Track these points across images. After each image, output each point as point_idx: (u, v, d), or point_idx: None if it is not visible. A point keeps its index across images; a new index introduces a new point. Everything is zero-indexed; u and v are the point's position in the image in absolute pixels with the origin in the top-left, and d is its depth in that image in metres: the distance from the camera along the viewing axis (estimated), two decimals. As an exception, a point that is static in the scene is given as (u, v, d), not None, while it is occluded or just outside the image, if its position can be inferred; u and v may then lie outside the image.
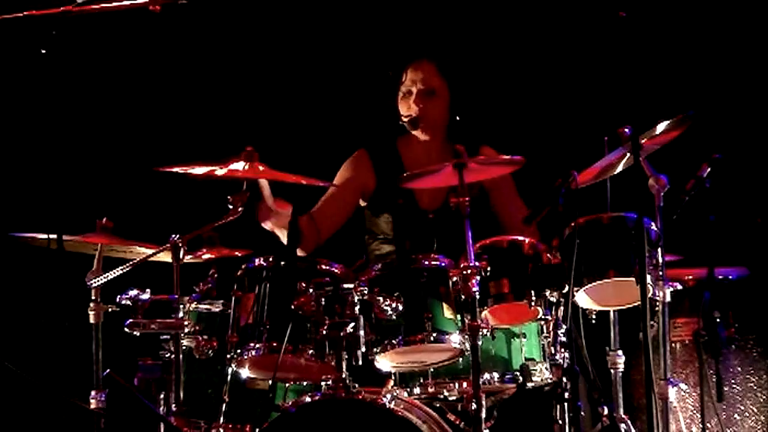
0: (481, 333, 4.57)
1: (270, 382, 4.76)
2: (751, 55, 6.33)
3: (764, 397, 5.36)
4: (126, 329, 4.64)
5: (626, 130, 4.78)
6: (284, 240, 5.10)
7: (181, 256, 4.67)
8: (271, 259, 4.82)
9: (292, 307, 4.66)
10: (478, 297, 4.60)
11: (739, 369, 5.37)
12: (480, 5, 6.54)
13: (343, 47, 6.56)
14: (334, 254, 5.29)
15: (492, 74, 6.42)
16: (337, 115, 6.51)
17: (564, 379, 4.62)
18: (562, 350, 4.70)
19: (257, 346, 4.71)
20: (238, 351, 4.75)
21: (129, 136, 6.50)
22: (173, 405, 4.65)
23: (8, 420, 6.25)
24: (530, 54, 6.49)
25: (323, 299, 4.64)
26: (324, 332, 4.60)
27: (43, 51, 4.39)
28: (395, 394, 4.68)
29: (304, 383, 4.98)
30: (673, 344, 5.39)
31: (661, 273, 4.72)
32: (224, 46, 6.42)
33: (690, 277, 5.39)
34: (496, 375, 4.82)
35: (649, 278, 4.57)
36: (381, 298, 4.67)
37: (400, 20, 6.51)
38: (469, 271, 4.58)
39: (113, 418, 4.55)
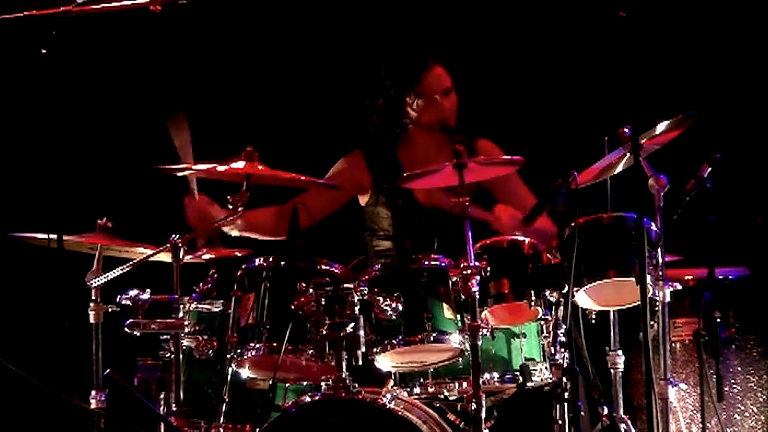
0: (481, 333, 4.57)
1: (270, 382, 4.77)
2: (751, 55, 6.33)
3: (764, 397, 5.35)
4: (126, 329, 4.64)
5: (626, 130, 4.78)
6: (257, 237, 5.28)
7: (181, 255, 4.68)
8: (271, 259, 4.82)
9: (292, 307, 4.66)
10: (478, 297, 4.60)
11: (739, 369, 5.36)
12: (480, 5, 6.54)
13: (344, 48, 6.56)
14: (334, 251, 5.29)
15: (492, 74, 6.42)
16: (336, 116, 6.50)
17: (564, 379, 4.62)
18: (562, 350, 4.70)
19: (257, 346, 4.71)
20: (238, 351, 4.75)
21: (129, 136, 6.49)
22: (173, 405, 4.65)
23: (8, 420, 6.24)
24: (530, 54, 6.49)
25: (323, 299, 4.64)
26: (324, 332, 4.59)
27: (44, 51, 4.38)
28: (395, 394, 4.68)
29: (304, 383, 4.98)
30: (673, 344, 5.39)
31: (661, 273, 4.72)
32: (224, 47, 6.41)
33: (690, 277, 5.39)
34: (496, 375, 4.83)
35: (649, 278, 4.58)
36: (381, 298, 4.67)
37: (400, 20, 6.51)
38: (469, 271, 4.58)
39: (113, 418, 4.54)
